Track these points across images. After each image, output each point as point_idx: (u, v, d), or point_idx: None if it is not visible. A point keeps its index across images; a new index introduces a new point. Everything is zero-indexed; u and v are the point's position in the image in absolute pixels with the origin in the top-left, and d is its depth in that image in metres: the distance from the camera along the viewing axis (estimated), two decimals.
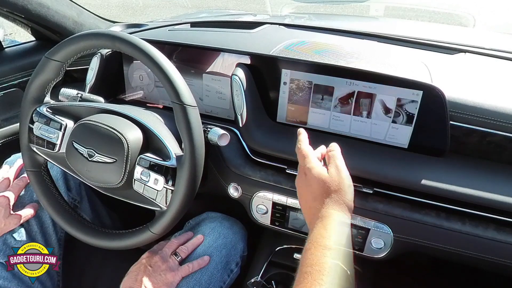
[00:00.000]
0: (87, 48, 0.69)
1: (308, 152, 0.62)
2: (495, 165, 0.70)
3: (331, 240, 0.50)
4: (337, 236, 0.51)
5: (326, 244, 0.49)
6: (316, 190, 0.57)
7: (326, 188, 0.57)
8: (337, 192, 0.57)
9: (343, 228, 0.53)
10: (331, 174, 0.59)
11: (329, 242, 0.50)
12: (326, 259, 0.48)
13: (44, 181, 0.77)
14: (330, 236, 0.51)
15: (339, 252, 0.49)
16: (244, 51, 0.82)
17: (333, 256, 0.48)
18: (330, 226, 0.52)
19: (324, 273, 0.46)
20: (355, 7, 4.42)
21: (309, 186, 0.59)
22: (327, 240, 0.50)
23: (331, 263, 0.48)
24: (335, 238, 0.50)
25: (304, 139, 0.64)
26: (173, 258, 0.76)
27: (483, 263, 0.68)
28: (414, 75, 0.70)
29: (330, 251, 0.49)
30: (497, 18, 2.45)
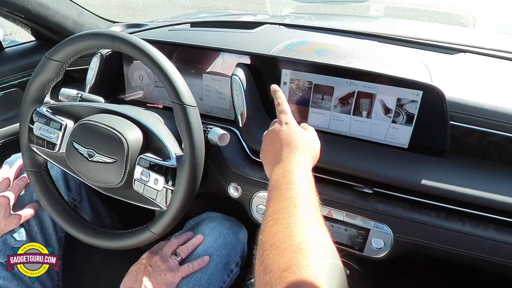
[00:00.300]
0: (87, 48, 0.69)
1: (288, 109, 0.66)
2: (495, 165, 0.70)
3: (299, 165, 0.55)
4: (303, 167, 0.55)
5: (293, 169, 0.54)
6: (291, 138, 0.60)
7: (301, 138, 0.60)
8: (309, 144, 0.61)
9: (309, 165, 0.57)
10: (308, 131, 0.64)
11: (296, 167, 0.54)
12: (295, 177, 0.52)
13: (44, 181, 0.77)
14: (297, 163, 0.55)
15: (306, 174, 0.54)
16: (244, 51, 0.82)
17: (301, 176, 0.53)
18: (297, 160, 0.56)
19: (298, 186, 0.50)
20: (355, 7, 4.42)
21: (283, 135, 0.61)
22: (295, 165, 0.54)
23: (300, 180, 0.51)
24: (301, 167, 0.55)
25: (283, 96, 0.68)
26: (173, 258, 0.76)
27: (483, 263, 0.68)
28: (414, 75, 0.70)
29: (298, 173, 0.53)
30: (497, 18, 2.45)
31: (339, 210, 0.74)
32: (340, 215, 0.74)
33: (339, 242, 0.76)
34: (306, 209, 0.47)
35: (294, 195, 0.48)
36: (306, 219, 0.45)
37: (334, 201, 0.74)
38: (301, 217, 0.45)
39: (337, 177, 0.74)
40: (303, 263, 0.38)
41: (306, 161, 0.57)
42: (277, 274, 0.38)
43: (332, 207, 0.74)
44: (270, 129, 0.64)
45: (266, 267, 0.40)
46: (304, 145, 0.59)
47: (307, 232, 0.43)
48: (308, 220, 0.45)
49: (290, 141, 0.59)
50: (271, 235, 0.44)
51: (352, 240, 0.74)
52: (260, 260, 0.43)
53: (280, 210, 0.47)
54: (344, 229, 0.74)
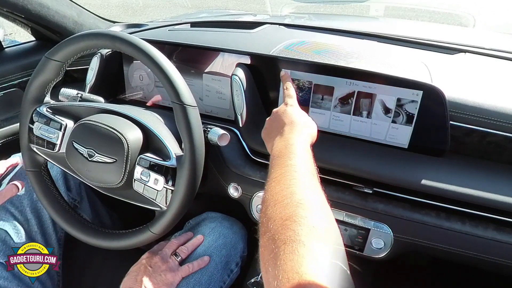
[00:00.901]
0: (87, 48, 0.69)
1: (294, 94, 0.71)
2: (495, 165, 0.70)
3: (298, 142, 0.58)
4: (302, 143, 0.59)
5: (294, 143, 0.58)
6: (292, 118, 0.64)
7: (302, 120, 0.64)
8: (309, 126, 0.64)
9: (307, 142, 0.61)
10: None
11: (296, 141, 0.58)
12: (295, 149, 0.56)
13: (44, 181, 0.77)
14: (296, 139, 0.59)
15: (304, 146, 0.58)
16: (244, 51, 0.82)
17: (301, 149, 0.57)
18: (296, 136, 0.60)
19: (299, 157, 0.54)
20: (355, 7, 4.42)
21: (286, 115, 0.65)
22: (295, 140, 0.58)
23: (300, 152, 0.56)
24: (300, 143, 0.58)
25: (291, 83, 0.74)
26: (173, 259, 0.76)
27: (483, 263, 0.68)
28: (414, 75, 0.70)
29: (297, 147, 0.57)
30: (497, 18, 2.45)
31: (339, 210, 0.74)
32: (340, 215, 0.74)
33: None
34: (306, 175, 0.52)
35: (295, 163, 0.53)
36: (306, 181, 0.50)
37: (334, 201, 0.74)
38: (301, 180, 0.50)
39: (337, 177, 0.74)
40: (303, 214, 0.44)
41: (306, 136, 0.61)
42: (279, 223, 0.44)
43: (332, 207, 0.74)
44: (274, 110, 0.68)
45: (270, 218, 0.46)
46: (305, 123, 0.64)
47: (306, 192, 0.48)
48: (308, 183, 0.50)
49: (292, 119, 0.64)
50: (274, 193, 0.49)
51: (352, 240, 0.74)
52: (264, 213, 0.48)
53: (282, 174, 0.52)
54: (344, 229, 0.74)
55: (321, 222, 0.44)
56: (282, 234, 0.42)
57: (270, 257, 0.41)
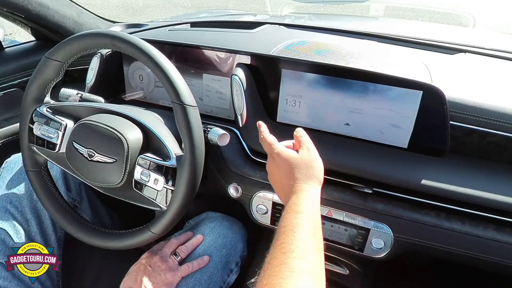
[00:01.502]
0: (87, 48, 0.69)
1: (273, 140, 0.65)
2: (495, 165, 0.70)
3: (302, 206, 0.56)
4: (307, 204, 0.56)
5: (298, 209, 0.55)
6: (287, 169, 0.61)
7: (297, 166, 0.60)
8: (308, 168, 0.61)
9: (313, 198, 0.58)
10: (302, 154, 0.62)
11: (300, 208, 0.55)
12: (297, 220, 0.53)
13: (44, 181, 0.77)
14: (301, 204, 0.56)
15: (308, 215, 0.55)
16: (244, 51, 0.82)
17: (303, 218, 0.54)
18: (302, 196, 0.57)
19: (295, 231, 0.52)
20: (355, 7, 4.42)
21: (279, 167, 0.62)
22: (298, 206, 0.56)
23: (302, 222, 0.53)
24: (305, 205, 0.56)
25: (266, 130, 0.68)
26: (172, 258, 0.76)
27: (483, 263, 0.68)
28: (414, 75, 0.70)
29: (300, 214, 0.54)
30: (497, 18, 2.45)
31: (339, 210, 0.74)
32: (340, 215, 0.74)
33: (339, 242, 0.76)
34: (297, 255, 0.48)
35: (288, 239, 0.50)
36: (293, 268, 0.46)
37: (334, 201, 0.74)
38: (288, 266, 0.46)
39: (337, 177, 0.74)
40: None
41: (311, 191, 0.58)
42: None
43: (332, 207, 0.74)
44: (267, 163, 0.66)
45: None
46: (304, 172, 0.60)
47: (288, 285, 0.44)
48: (294, 271, 0.46)
49: (287, 172, 0.60)
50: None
51: (352, 240, 0.74)
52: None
53: (271, 260, 0.49)
54: (344, 229, 0.74)
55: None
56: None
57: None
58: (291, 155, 0.62)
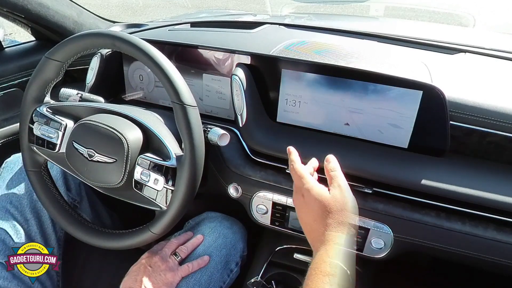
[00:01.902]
0: (87, 48, 0.69)
1: (304, 172, 0.59)
2: (495, 165, 0.70)
3: (333, 266, 0.49)
4: (338, 260, 0.50)
5: (328, 271, 0.49)
6: (317, 211, 0.55)
7: (328, 209, 0.55)
8: (340, 212, 0.55)
9: (345, 250, 0.52)
10: (333, 195, 0.56)
11: (331, 269, 0.49)
12: (324, 285, 0.48)
13: (44, 181, 0.77)
14: (331, 262, 0.50)
15: (338, 279, 0.48)
16: (244, 51, 0.82)
17: (333, 282, 0.48)
18: (332, 251, 0.51)
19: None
20: (355, 7, 4.42)
21: (309, 207, 0.57)
22: (328, 266, 0.49)
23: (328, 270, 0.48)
24: (335, 263, 0.50)
25: (297, 159, 0.61)
26: (172, 258, 0.76)
27: (483, 263, 0.68)
28: (414, 75, 0.70)
29: (330, 278, 0.48)
30: (497, 18, 2.45)
31: None
32: None
33: None
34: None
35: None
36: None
37: None
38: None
39: None
40: None
41: (343, 240, 0.53)
42: None
43: None
44: (294, 196, 0.60)
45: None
46: (336, 218, 0.54)
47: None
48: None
49: (317, 214, 0.55)
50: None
51: None
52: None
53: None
54: None
55: None
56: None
57: None
58: (323, 194, 0.56)
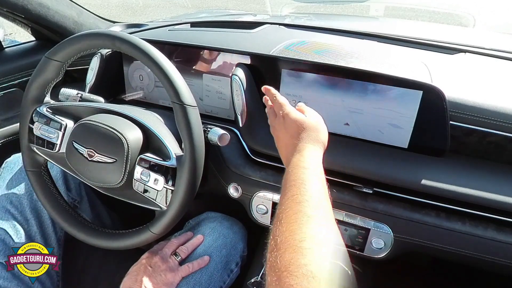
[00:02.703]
0: (87, 48, 0.69)
1: (284, 101, 0.67)
2: (495, 165, 0.70)
3: (308, 163, 0.56)
4: (313, 161, 0.56)
5: (304, 165, 0.55)
6: (294, 129, 0.62)
7: (303, 127, 0.62)
8: (313, 130, 0.62)
9: (318, 158, 0.59)
10: (309, 117, 0.64)
11: (306, 164, 0.56)
12: (305, 175, 0.53)
13: (44, 181, 0.77)
14: (307, 161, 0.56)
15: (315, 171, 0.55)
16: (244, 51, 0.82)
17: (310, 173, 0.54)
18: (307, 154, 0.58)
19: (306, 184, 0.51)
20: (355, 7, 4.42)
21: (287, 127, 0.63)
22: (304, 163, 0.56)
23: (310, 177, 0.53)
24: (311, 162, 0.56)
25: (277, 92, 0.70)
26: (173, 258, 0.76)
27: (483, 263, 0.68)
28: (414, 75, 0.70)
29: (308, 170, 0.54)
30: (497, 18, 2.44)
31: (339, 210, 0.74)
32: (340, 215, 0.74)
33: None
34: (311, 205, 0.48)
35: (300, 191, 0.50)
36: (310, 215, 0.46)
37: (334, 201, 0.73)
38: (305, 213, 0.46)
39: (337, 177, 0.74)
40: (302, 262, 0.39)
41: (315, 151, 0.60)
42: (277, 274, 0.39)
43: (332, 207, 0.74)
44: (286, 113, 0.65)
45: (271, 268, 0.41)
46: (310, 134, 0.61)
47: (308, 229, 0.44)
48: (312, 217, 0.46)
49: (294, 132, 0.62)
50: (275, 236, 0.45)
51: (352, 240, 0.74)
52: (267, 262, 0.44)
53: (285, 210, 0.48)
54: (344, 229, 0.74)
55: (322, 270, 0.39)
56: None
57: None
58: (300, 116, 0.63)
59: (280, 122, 0.66)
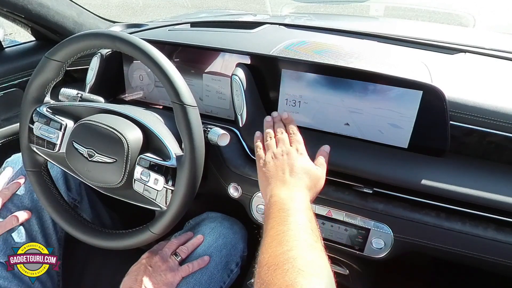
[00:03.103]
0: (87, 48, 0.69)
1: (301, 140, 0.68)
2: (495, 165, 0.70)
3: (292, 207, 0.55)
4: (307, 203, 0.57)
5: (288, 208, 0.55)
6: (302, 173, 0.62)
7: (310, 175, 0.63)
8: (315, 182, 0.63)
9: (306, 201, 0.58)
10: (318, 167, 0.65)
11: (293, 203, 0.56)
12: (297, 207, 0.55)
13: (44, 181, 0.77)
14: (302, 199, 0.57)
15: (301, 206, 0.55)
16: (244, 51, 0.82)
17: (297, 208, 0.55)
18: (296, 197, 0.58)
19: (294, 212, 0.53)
20: (355, 7, 4.42)
21: (298, 166, 0.63)
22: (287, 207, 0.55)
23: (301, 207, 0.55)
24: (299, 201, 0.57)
25: (295, 125, 0.70)
26: (173, 258, 0.76)
27: (483, 263, 0.68)
28: (414, 75, 0.70)
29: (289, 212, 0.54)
30: (497, 18, 2.44)
31: (339, 210, 0.74)
32: (340, 215, 0.74)
33: (339, 242, 0.76)
34: (309, 235, 0.50)
35: (299, 220, 0.51)
36: (309, 244, 0.48)
37: (334, 201, 0.74)
38: (306, 242, 0.48)
39: (337, 177, 0.74)
40: (303, 284, 0.41)
41: (309, 197, 0.61)
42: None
43: (332, 207, 0.74)
44: (284, 149, 0.66)
45: (268, 285, 0.43)
46: (312, 182, 0.62)
47: (309, 256, 0.46)
48: (311, 246, 0.48)
49: (300, 173, 0.62)
50: (275, 255, 0.46)
51: (352, 240, 0.74)
52: (261, 277, 0.46)
53: (285, 232, 0.50)
54: (344, 229, 0.74)
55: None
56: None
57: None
58: (309, 164, 0.64)
59: (293, 154, 0.65)
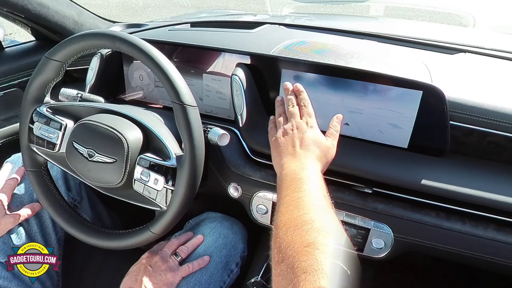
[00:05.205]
0: (87, 48, 0.69)
1: (313, 113, 0.68)
2: (495, 165, 0.70)
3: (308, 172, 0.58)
4: (318, 173, 0.59)
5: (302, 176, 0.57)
6: (313, 145, 0.63)
7: (320, 147, 0.64)
8: (325, 153, 0.64)
9: (318, 171, 0.61)
10: (328, 140, 0.66)
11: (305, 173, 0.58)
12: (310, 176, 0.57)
13: (44, 181, 0.77)
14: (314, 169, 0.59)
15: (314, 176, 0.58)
16: (244, 51, 0.82)
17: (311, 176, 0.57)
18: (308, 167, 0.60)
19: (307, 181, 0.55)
20: (355, 7, 4.42)
21: (308, 139, 0.64)
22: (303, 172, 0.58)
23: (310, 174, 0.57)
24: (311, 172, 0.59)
25: (308, 98, 0.70)
26: (173, 258, 0.76)
27: (483, 263, 0.68)
28: (414, 75, 0.70)
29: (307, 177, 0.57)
30: (497, 18, 2.44)
31: (339, 210, 0.74)
32: (340, 215, 0.74)
33: None
34: (322, 202, 0.53)
35: (311, 188, 0.54)
36: (323, 209, 0.51)
37: (334, 201, 0.73)
38: (321, 207, 0.51)
39: (337, 177, 0.74)
40: (324, 242, 0.44)
41: (320, 167, 0.62)
42: (299, 249, 0.44)
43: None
44: (294, 124, 0.66)
45: (288, 243, 0.45)
46: (322, 153, 0.63)
47: (325, 219, 0.48)
48: (325, 210, 0.51)
49: (310, 145, 0.63)
50: (293, 217, 0.49)
51: (352, 240, 0.74)
52: (280, 237, 0.48)
53: (299, 198, 0.52)
54: (344, 229, 0.74)
55: (339, 251, 0.44)
56: (303, 261, 0.42)
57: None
58: (321, 137, 0.66)
59: (303, 127, 0.65)
